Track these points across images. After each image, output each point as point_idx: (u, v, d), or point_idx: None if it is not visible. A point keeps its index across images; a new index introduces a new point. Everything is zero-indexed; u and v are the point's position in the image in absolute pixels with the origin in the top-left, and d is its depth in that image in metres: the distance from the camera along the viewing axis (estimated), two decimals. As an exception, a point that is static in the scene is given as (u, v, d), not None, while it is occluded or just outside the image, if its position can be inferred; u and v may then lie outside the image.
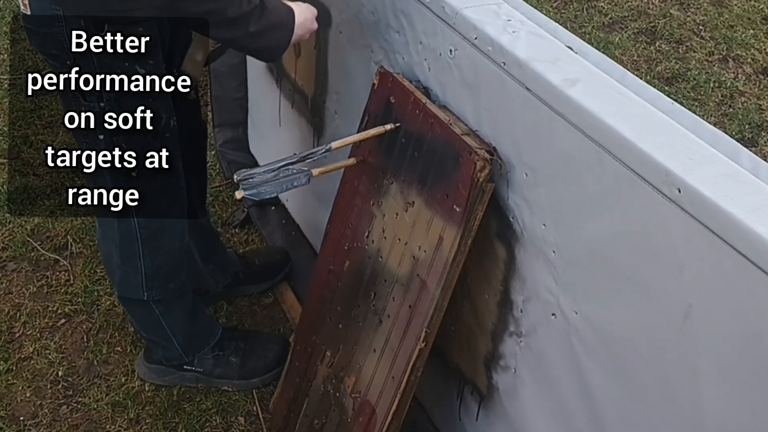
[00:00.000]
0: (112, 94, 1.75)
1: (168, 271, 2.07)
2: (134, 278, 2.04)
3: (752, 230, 1.05)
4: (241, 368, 2.26)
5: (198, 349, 2.23)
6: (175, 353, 2.21)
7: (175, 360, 2.23)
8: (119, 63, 1.72)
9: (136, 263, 2.00)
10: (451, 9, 1.53)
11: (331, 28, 2.01)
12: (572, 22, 4.00)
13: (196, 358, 2.23)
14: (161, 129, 1.83)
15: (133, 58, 1.73)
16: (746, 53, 3.83)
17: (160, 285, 2.06)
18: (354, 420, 1.79)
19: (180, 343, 2.19)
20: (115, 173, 1.87)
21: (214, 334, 2.26)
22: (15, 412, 2.21)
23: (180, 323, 2.18)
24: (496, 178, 1.49)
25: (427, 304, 1.59)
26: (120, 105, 1.76)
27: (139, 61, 1.74)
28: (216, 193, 2.88)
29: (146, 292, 2.05)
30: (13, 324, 2.42)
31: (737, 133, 3.33)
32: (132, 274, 2.03)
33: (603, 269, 1.32)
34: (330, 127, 2.16)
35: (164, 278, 2.07)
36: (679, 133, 1.24)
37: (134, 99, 1.77)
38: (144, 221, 1.94)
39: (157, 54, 1.78)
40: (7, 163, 2.96)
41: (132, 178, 1.85)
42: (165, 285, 2.08)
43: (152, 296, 2.07)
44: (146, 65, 1.76)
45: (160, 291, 2.07)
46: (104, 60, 1.70)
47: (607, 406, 1.38)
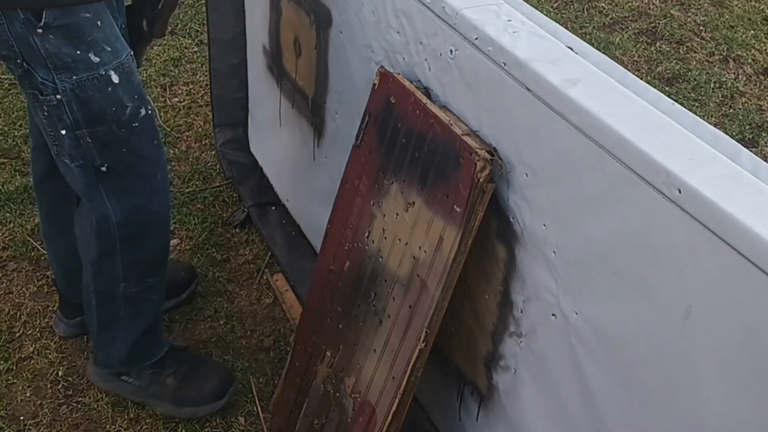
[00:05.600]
0: (67, 85, 1.68)
1: (148, 265, 1.99)
2: (111, 270, 1.95)
3: (752, 231, 1.05)
4: (174, 393, 2.15)
5: (138, 363, 2.13)
6: (114, 360, 2.12)
7: (113, 368, 2.14)
8: (69, 51, 1.66)
9: (114, 257, 1.93)
10: (452, 9, 1.53)
11: (331, 28, 2.01)
12: (573, 22, 4.00)
13: (134, 370, 2.14)
14: (126, 119, 1.75)
15: (85, 46, 1.66)
16: (747, 54, 3.83)
17: (139, 278, 1.98)
18: (354, 420, 1.79)
19: (121, 352, 2.10)
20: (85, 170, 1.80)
21: (158, 351, 2.15)
22: (15, 411, 2.21)
23: (132, 331, 2.07)
24: (497, 178, 1.49)
25: (427, 305, 1.59)
26: (78, 97, 1.70)
27: (92, 48, 1.67)
28: (216, 193, 2.89)
29: (123, 283, 1.97)
30: (13, 324, 2.43)
31: (738, 134, 3.33)
32: (109, 267, 1.95)
33: (603, 270, 1.32)
34: (330, 127, 2.17)
35: (143, 272, 1.98)
36: (679, 133, 1.24)
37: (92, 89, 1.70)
38: (123, 218, 1.87)
39: (110, 39, 1.71)
40: (8, 163, 2.96)
41: (102, 174, 1.79)
42: (144, 279, 2.00)
43: (129, 288, 1.98)
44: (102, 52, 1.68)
45: (137, 284, 1.99)
46: (51, 50, 1.64)
47: (607, 406, 1.38)
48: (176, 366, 2.17)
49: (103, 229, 1.88)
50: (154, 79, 3.40)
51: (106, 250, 1.92)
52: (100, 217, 1.86)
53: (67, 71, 1.67)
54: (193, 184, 2.92)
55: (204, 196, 2.88)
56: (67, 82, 1.68)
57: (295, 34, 2.21)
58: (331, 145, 2.19)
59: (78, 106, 1.71)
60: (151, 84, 3.35)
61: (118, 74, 1.72)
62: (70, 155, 1.78)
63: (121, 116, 1.74)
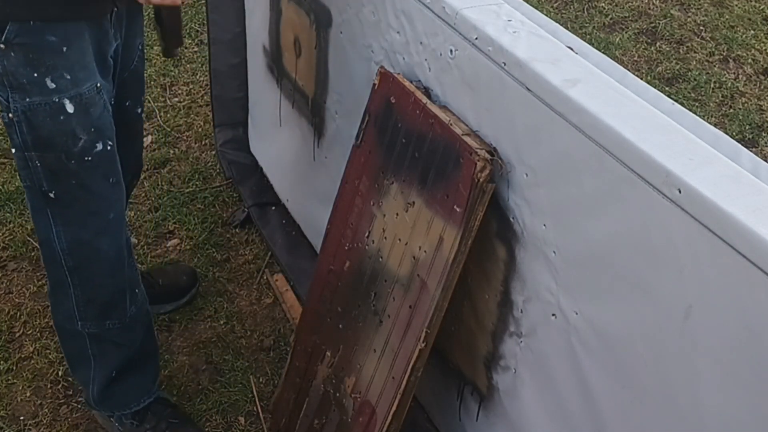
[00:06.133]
0: (19, 106, 1.62)
1: (102, 306, 1.90)
2: (66, 305, 1.89)
3: (752, 231, 1.05)
4: None
5: (117, 408, 2.07)
6: (91, 401, 2.07)
7: (95, 407, 2.10)
8: (26, 72, 1.59)
9: (66, 290, 1.86)
10: (452, 9, 1.53)
11: (331, 28, 2.01)
12: (573, 22, 4.00)
13: (116, 415, 2.08)
14: (77, 150, 1.68)
15: (43, 69, 1.59)
16: (747, 54, 3.83)
17: (95, 317, 1.91)
18: (354, 420, 1.79)
19: (94, 393, 2.03)
20: (32, 193, 1.74)
21: (139, 400, 2.07)
22: (15, 411, 2.21)
23: (103, 373, 1.99)
24: (497, 178, 1.49)
25: (427, 305, 1.59)
26: (29, 119, 1.63)
27: (50, 73, 1.60)
28: (216, 193, 2.89)
29: (80, 321, 1.90)
30: (13, 324, 2.43)
31: (738, 134, 3.34)
32: (63, 300, 1.89)
33: (603, 269, 1.32)
34: (330, 127, 2.17)
35: (99, 313, 1.91)
36: (679, 133, 1.24)
37: (42, 114, 1.63)
38: (67, 247, 1.79)
39: (73, 67, 1.63)
40: (8, 163, 2.96)
41: (50, 200, 1.72)
42: (101, 321, 1.91)
43: (86, 327, 1.91)
44: (60, 79, 1.61)
45: (95, 324, 1.91)
46: (9, 68, 1.58)
47: (607, 406, 1.38)
48: (156, 421, 2.08)
49: (49, 254, 1.82)
50: (154, 79, 3.40)
51: (58, 280, 1.86)
52: (44, 239, 1.81)
53: (21, 92, 1.61)
54: (193, 184, 2.92)
55: (204, 196, 2.88)
56: (20, 103, 1.62)
57: (295, 34, 2.21)
58: (331, 145, 2.19)
59: (28, 128, 1.65)
60: (151, 84, 3.35)
61: (74, 104, 1.64)
62: (20, 175, 1.73)
63: (72, 147, 1.67)
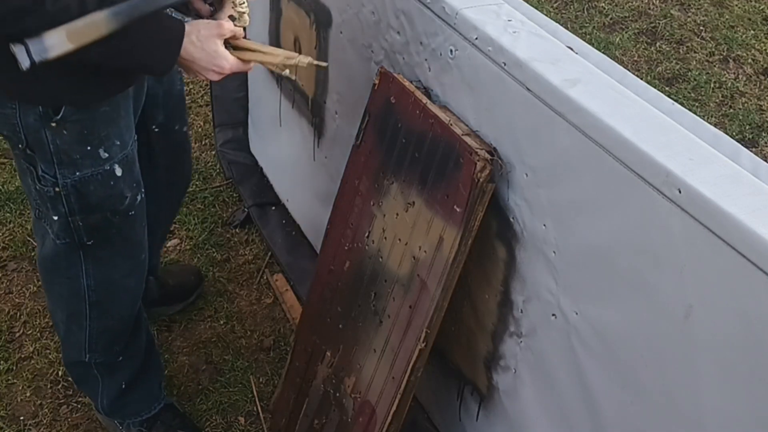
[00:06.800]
0: (69, 181, 1.61)
1: (115, 334, 1.94)
2: (77, 336, 1.91)
3: (752, 231, 1.05)
4: None
5: (127, 416, 2.10)
6: (101, 410, 2.10)
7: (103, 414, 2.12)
8: (80, 147, 1.58)
9: (81, 322, 1.88)
10: (452, 9, 1.53)
11: (331, 28, 2.01)
12: (573, 22, 4.00)
13: (125, 423, 2.10)
14: (123, 208, 1.70)
15: (97, 141, 1.58)
16: (747, 54, 3.83)
17: (105, 347, 1.94)
18: (354, 420, 1.79)
19: (104, 404, 2.07)
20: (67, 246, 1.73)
21: (149, 408, 2.10)
22: (15, 411, 2.22)
23: (114, 390, 2.04)
24: (497, 178, 1.49)
25: (427, 305, 1.59)
26: (78, 191, 1.63)
27: (103, 143, 1.59)
28: (216, 193, 2.89)
29: (88, 353, 1.93)
30: (13, 324, 2.43)
31: (738, 134, 3.34)
32: (76, 332, 1.91)
33: (603, 270, 1.32)
34: (330, 127, 2.17)
35: (109, 341, 1.94)
36: (679, 133, 1.24)
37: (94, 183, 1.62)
38: (95, 285, 1.82)
39: (122, 132, 1.64)
40: (8, 163, 2.96)
41: (86, 246, 1.73)
42: (110, 348, 1.95)
43: (94, 358, 1.95)
44: (112, 147, 1.61)
45: (103, 354, 1.95)
46: (61, 146, 1.56)
47: (607, 406, 1.38)
48: (164, 429, 2.11)
49: (73, 288, 1.83)
50: (154, 79, 3.40)
51: (75, 312, 1.88)
52: (72, 275, 1.81)
53: (71, 167, 1.60)
54: (193, 184, 2.91)
55: (204, 196, 2.88)
56: (69, 178, 1.61)
57: (295, 34, 2.21)
58: (331, 145, 2.19)
59: (76, 198, 1.64)
60: (151, 84, 3.35)
61: (122, 167, 1.66)
62: (57, 234, 1.72)
63: (119, 206, 1.69)
